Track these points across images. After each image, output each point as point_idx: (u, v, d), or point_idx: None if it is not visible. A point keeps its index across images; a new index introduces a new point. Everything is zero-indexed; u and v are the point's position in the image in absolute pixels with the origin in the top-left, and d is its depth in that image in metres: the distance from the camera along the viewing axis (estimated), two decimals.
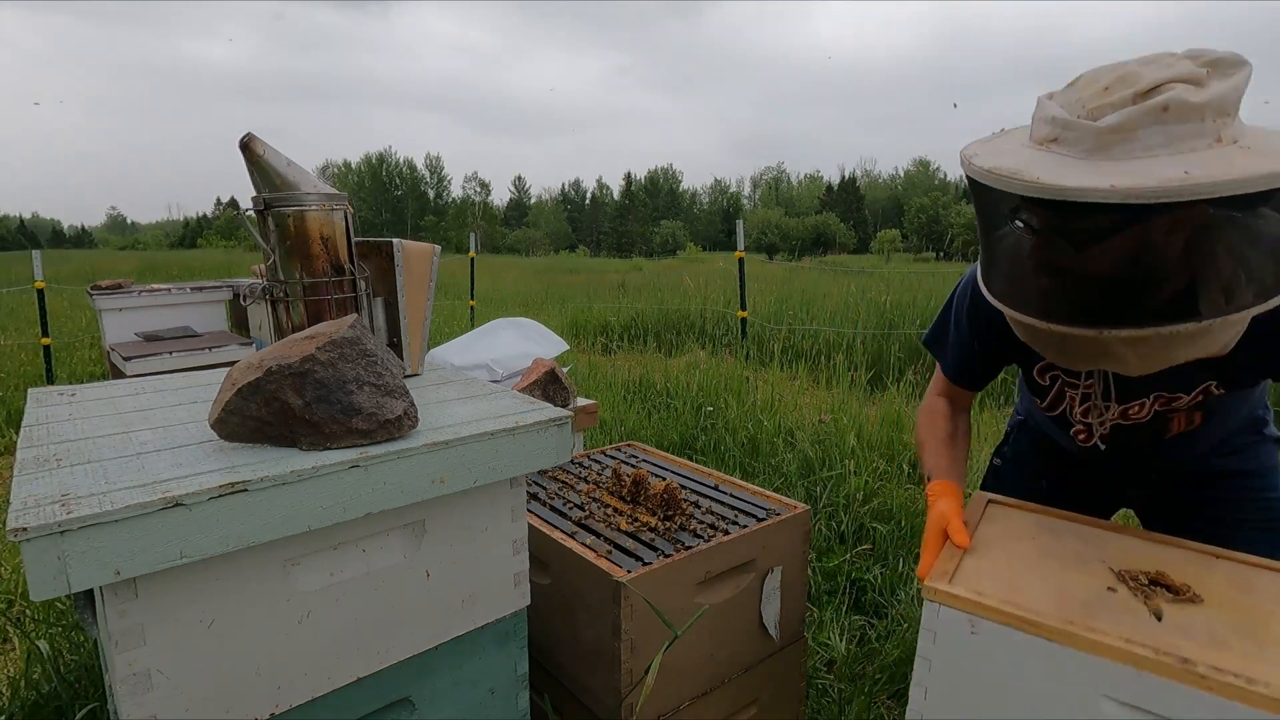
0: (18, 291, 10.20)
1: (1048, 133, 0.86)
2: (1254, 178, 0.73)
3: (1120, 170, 0.77)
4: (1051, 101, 0.88)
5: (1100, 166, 0.79)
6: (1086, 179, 0.77)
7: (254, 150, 1.17)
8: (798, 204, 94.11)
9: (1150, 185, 0.74)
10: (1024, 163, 0.84)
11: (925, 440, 1.33)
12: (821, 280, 10.45)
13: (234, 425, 0.91)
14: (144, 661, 0.79)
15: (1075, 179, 0.78)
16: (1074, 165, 0.81)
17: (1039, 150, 0.86)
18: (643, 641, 1.26)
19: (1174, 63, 0.83)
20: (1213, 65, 0.83)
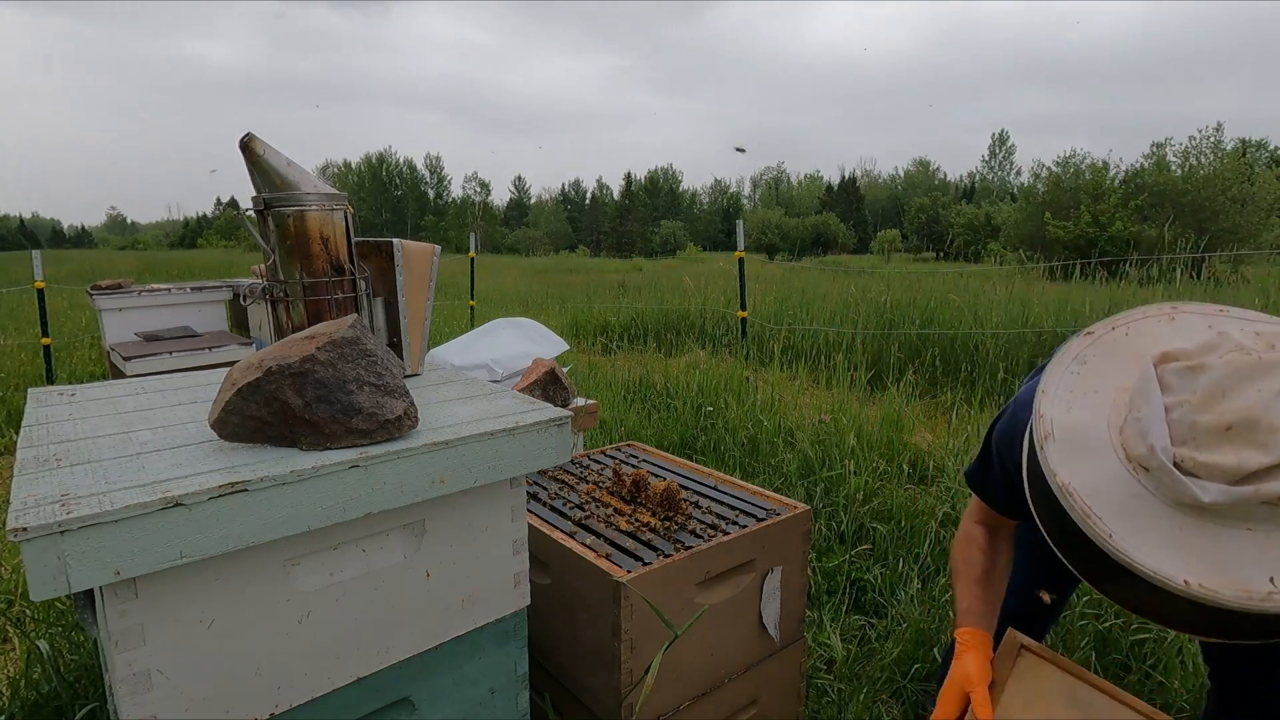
0: (18, 291, 10.21)
1: (1143, 458, 0.73)
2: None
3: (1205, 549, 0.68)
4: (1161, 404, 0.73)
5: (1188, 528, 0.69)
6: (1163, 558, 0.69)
7: (254, 150, 1.17)
8: (798, 204, 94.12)
9: (1224, 597, 0.66)
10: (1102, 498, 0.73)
11: (959, 574, 1.23)
12: (821, 280, 10.45)
13: (234, 425, 0.91)
14: (144, 661, 0.79)
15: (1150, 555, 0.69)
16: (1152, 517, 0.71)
17: (1125, 470, 0.74)
18: (643, 641, 1.26)
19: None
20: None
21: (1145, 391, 0.75)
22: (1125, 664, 1.96)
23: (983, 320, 5.89)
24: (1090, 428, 0.79)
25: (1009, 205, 34.66)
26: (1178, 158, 21.39)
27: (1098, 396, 0.81)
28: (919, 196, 75.66)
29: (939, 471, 3.23)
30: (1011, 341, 5.27)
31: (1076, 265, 8.44)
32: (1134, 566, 0.70)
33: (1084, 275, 8.33)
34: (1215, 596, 0.66)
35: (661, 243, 74.13)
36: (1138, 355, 0.82)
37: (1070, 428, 0.79)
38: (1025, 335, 5.25)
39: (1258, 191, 18.78)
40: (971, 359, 5.29)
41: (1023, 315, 5.90)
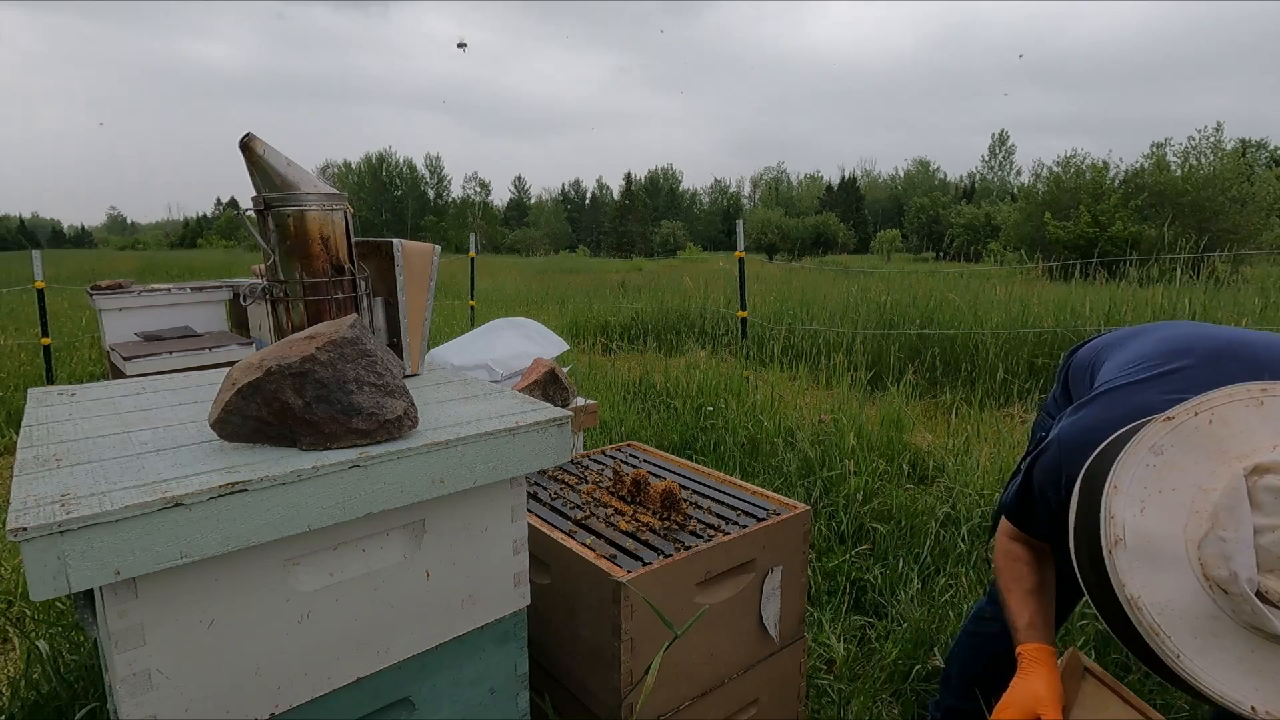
0: (18, 291, 10.21)
1: (1223, 578, 0.71)
2: None
3: (1274, 673, 0.68)
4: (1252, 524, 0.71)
5: (1255, 651, 0.69)
6: (1230, 681, 0.68)
7: (254, 150, 1.17)
8: (798, 204, 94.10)
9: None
10: (1172, 615, 0.72)
11: (1012, 590, 1.21)
12: (821, 280, 10.45)
13: (234, 425, 0.91)
14: (144, 661, 0.79)
15: (1218, 677, 0.69)
16: (1224, 637, 0.70)
17: (1201, 588, 0.72)
18: (643, 641, 1.26)
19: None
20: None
21: (1234, 511, 0.71)
22: (1125, 664, 1.96)
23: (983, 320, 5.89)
24: (1165, 537, 0.75)
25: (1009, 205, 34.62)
26: (1178, 158, 21.39)
27: (1176, 497, 0.77)
28: (919, 196, 75.64)
29: (939, 471, 3.23)
30: (1011, 341, 5.27)
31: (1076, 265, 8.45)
32: (1201, 689, 0.69)
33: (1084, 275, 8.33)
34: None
35: (661, 243, 74.12)
36: (1222, 451, 0.77)
37: (1143, 534, 0.75)
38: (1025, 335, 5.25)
39: (1258, 191, 18.77)
40: (971, 359, 5.29)
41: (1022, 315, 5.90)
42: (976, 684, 1.56)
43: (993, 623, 1.53)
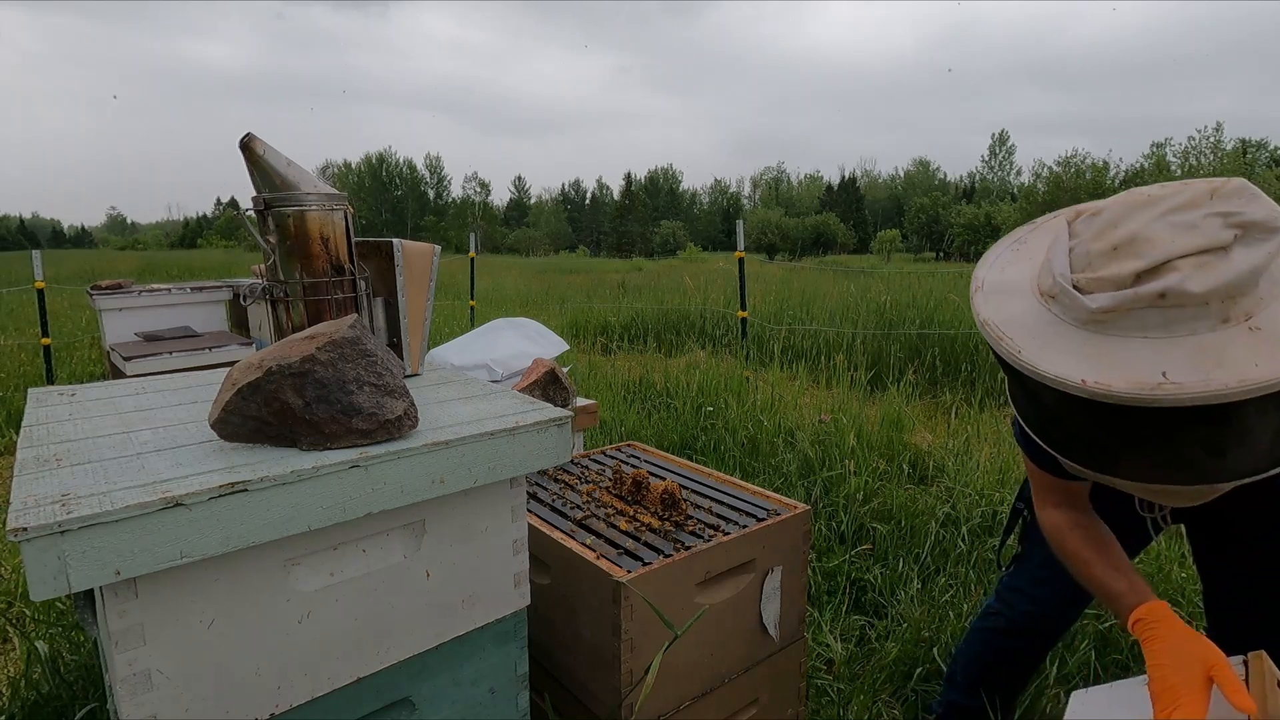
0: (18, 291, 10.21)
1: (1050, 287, 0.82)
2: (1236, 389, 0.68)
3: (1103, 354, 0.75)
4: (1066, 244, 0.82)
5: (1089, 341, 0.77)
6: (1064, 365, 0.76)
7: (254, 150, 1.17)
8: (798, 204, 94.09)
9: (1119, 390, 0.71)
10: (1015, 325, 0.82)
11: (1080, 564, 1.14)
12: (821, 280, 10.45)
13: (234, 425, 0.91)
14: (144, 661, 0.79)
15: (1052, 362, 0.76)
16: (1061, 335, 0.79)
17: (1038, 301, 0.83)
18: (643, 641, 1.26)
19: (1200, 223, 0.75)
20: (1243, 229, 0.74)
21: (1057, 240, 0.84)
22: (1125, 664, 1.96)
23: None
24: (1015, 279, 0.88)
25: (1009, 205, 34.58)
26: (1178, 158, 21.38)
27: (1030, 261, 0.89)
28: (919, 196, 75.64)
29: (939, 471, 3.23)
30: None
31: None
32: (1038, 374, 0.77)
33: None
34: (1109, 389, 0.72)
35: (661, 243, 74.12)
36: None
37: (998, 282, 0.89)
38: None
39: None
40: (972, 359, 5.29)
41: None
42: (980, 680, 1.56)
43: (997, 618, 1.53)
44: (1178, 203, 0.77)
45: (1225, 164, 19.46)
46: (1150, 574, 2.28)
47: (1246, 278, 0.72)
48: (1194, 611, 2.07)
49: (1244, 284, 0.72)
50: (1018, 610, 1.49)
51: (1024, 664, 1.55)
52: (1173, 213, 0.76)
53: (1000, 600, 1.54)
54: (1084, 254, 0.81)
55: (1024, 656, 1.53)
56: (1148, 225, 0.76)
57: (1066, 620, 1.50)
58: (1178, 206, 0.77)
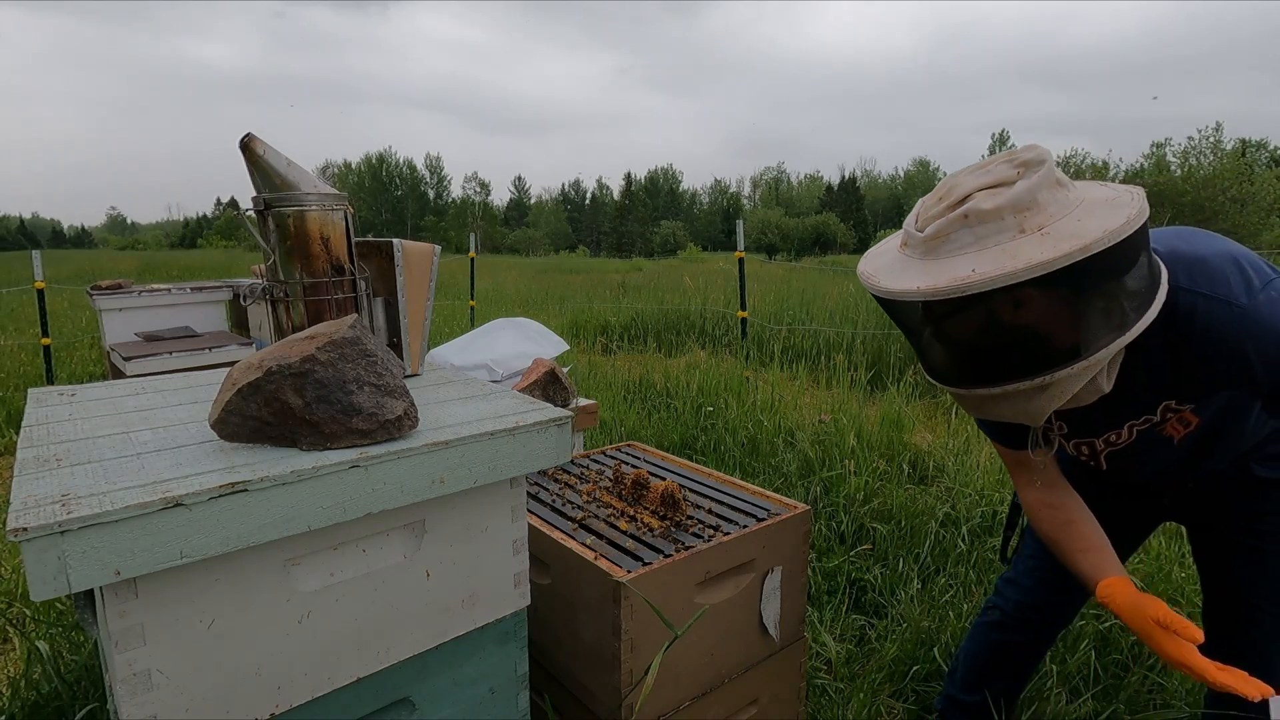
0: (18, 291, 10.21)
1: (903, 238, 1.03)
2: (1023, 269, 0.86)
3: (933, 270, 0.94)
4: (917, 213, 1.03)
5: (925, 266, 0.96)
6: (906, 281, 0.95)
7: (254, 150, 1.17)
8: (798, 204, 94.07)
9: (940, 285, 0.91)
10: (877, 266, 1.03)
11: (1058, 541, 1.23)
12: (821, 280, 10.45)
13: (234, 425, 0.91)
14: (144, 661, 0.79)
15: (897, 281, 0.96)
16: (908, 267, 0.98)
17: (898, 252, 1.03)
18: (643, 641, 1.26)
19: (993, 169, 0.96)
20: (1024, 165, 0.95)
21: (912, 211, 1.04)
22: (1125, 664, 1.97)
23: None
24: (885, 249, 1.08)
25: None
26: (1177, 158, 21.40)
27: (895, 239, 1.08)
28: (919, 196, 75.48)
29: (939, 471, 3.24)
30: None
31: None
32: (888, 291, 0.96)
33: None
34: (934, 287, 0.91)
35: (661, 243, 74.07)
36: None
37: (875, 252, 1.10)
38: None
39: (1258, 191, 18.78)
40: None
41: None
42: (980, 676, 1.57)
43: (994, 612, 1.55)
44: (983, 163, 1.00)
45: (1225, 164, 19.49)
46: (1150, 574, 2.28)
47: (1025, 195, 0.91)
48: (1194, 611, 2.07)
49: (1024, 200, 0.91)
50: (1011, 602, 1.51)
51: (1022, 658, 1.55)
52: (977, 168, 0.99)
53: (997, 594, 1.56)
54: (923, 210, 1.01)
55: (1021, 650, 1.54)
56: (959, 178, 0.99)
57: (1062, 612, 1.50)
58: (982, 164, 1.00)
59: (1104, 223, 0.89)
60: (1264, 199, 18.50)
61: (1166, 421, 1.16)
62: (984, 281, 0.88)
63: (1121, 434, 1.20)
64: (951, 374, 1.07)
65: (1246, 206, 18.34)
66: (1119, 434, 1.20)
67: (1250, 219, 18.12)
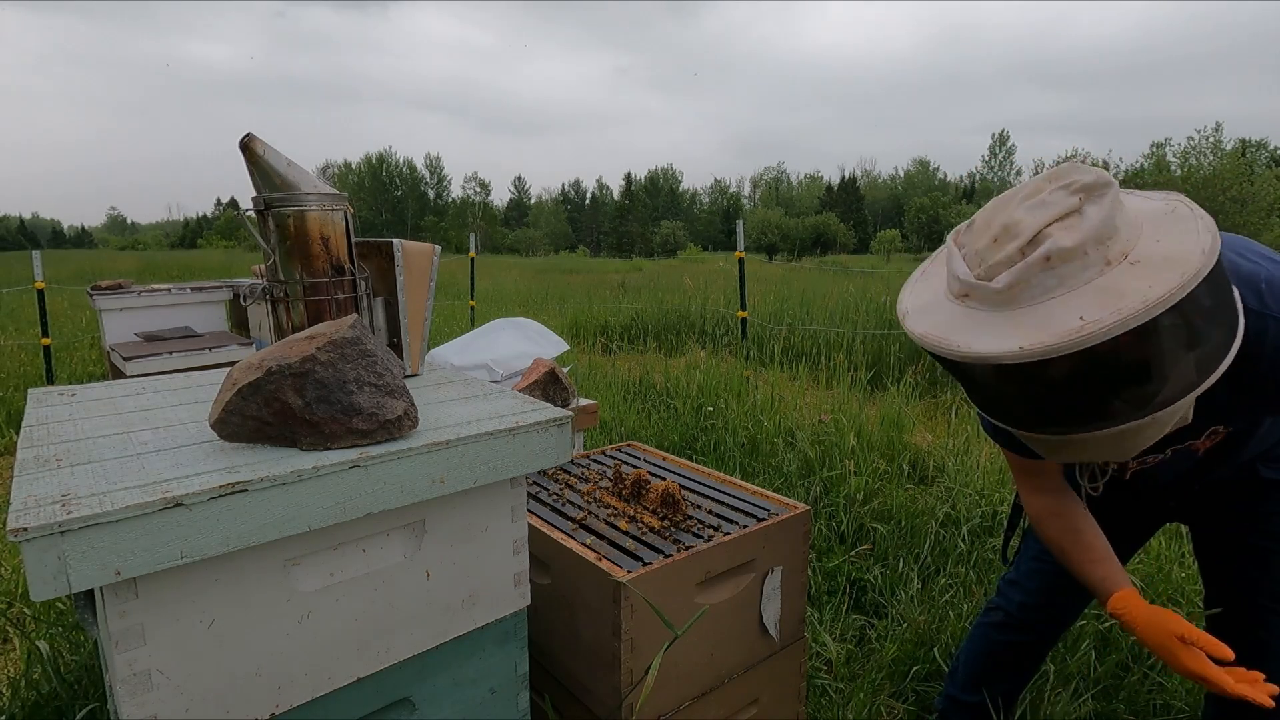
0: (18, 291, 10.21)
1: (960, 289, 0.94)
2: (1142, 309, 0.80)
3: (1025, 323, 0.85)
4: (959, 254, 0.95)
5: (1010, 318, 0.87)
6: (998, 342, 0.86)
7: (254, 150, 1.17)
8: (798, 204, 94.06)
9: (1050, 343, 0.82)
10: (946, 326, 0.93)
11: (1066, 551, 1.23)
12: (821, 280, 10.46)
13: (234, 425, 0.91)
14: (144, 661, 0.79)
15: (988, 344, 0.86)
16: (986, 322, 0.89)
17: (957, 305, 0.94)
18: (643, 641, 1.26)
19: (1049, 198, 0.88)
20: (1085, 191, 0.87)
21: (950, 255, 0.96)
22: (1125, 664, 1.96)
23: None
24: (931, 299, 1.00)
25: None
26: (1177, 158, 21.40)
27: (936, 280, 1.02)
28: (919, 196, 75.55)
29: (939, 471, 3.24)
30: None
31: None
32: (983, 358, 0.86)
33: None
34: (1043, 345, 0.82)
35: (661, 243, 74.05)
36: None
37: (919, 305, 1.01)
38: None
39: (1258, 191, 18.78)
40: None
41: None
42: (981, 677, 1.57)
43: (996, 613, 1.55)
44: (1026, 192, 0.91)
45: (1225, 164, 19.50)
46: (1150, 574, 2.28)
47: (1104, 224, 0.85)
48: (1194, 612, 2.07)
49: (1105, 230, 0.85)
50: (1014, 603, 1.51)
51: (1023, 659, 1.55)
52: (1026, 199, 0.90)
53: (1000, 595, 1.56)
54: (974, 254, 0.92)
55: (1023, 651, 1.54)
56: (1012, 214, 0.89)
57: (1064, 614, 1.50)
58: (1027, 194, 0.90)
59: (1187, 242, 0.84)
60: (1264, 199, 18.50)
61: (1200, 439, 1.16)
62: (1106, 330, 0.79)
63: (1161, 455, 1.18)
64: (1044, 420, 0.97)
65: (1246, 206, 18.35)
66: (1158, 456, 1.18)
67: (1250, 219, 18.12)
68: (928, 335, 0.94)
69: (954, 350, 0.89)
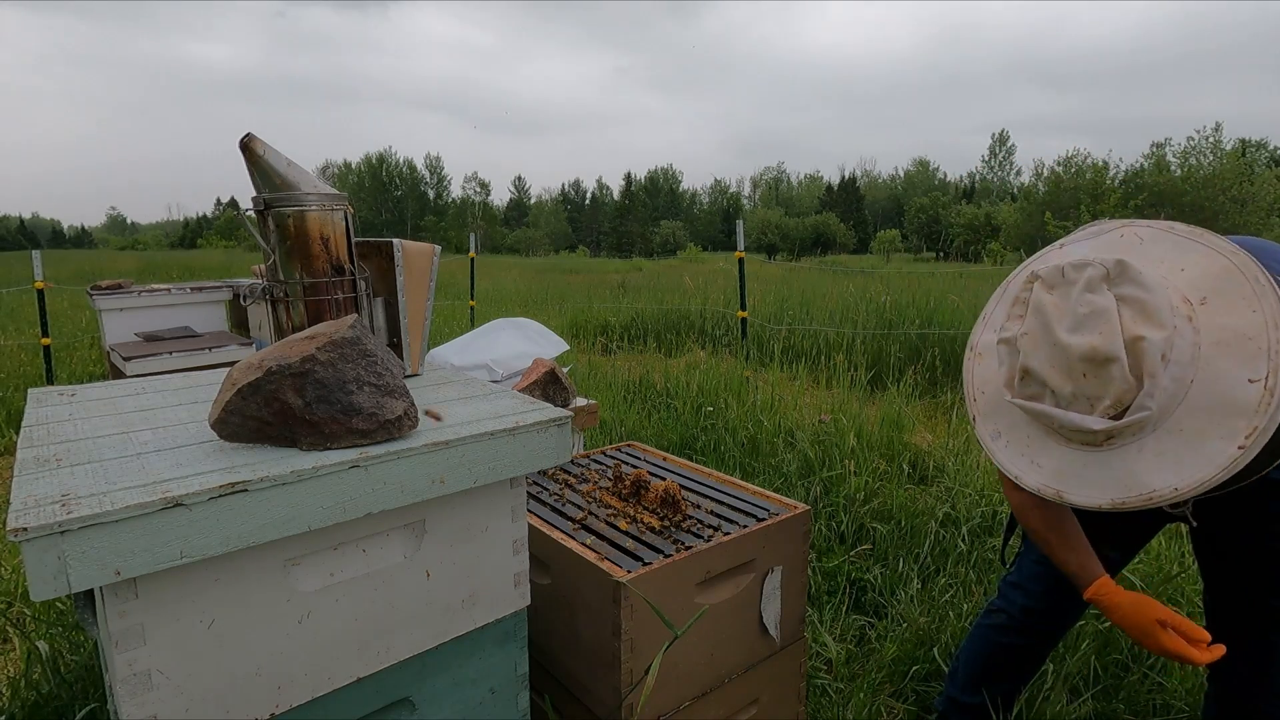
0: (18, 291, 10.20)
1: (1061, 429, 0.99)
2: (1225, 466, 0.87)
3: (1117, 472, 0.94)
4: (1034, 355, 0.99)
5: (1100, 463, 0.96)
6: (1098, 493, 0.95)
7: (254, 150, 1.17)
8: (798, 204, 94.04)
9: (1140, 495, 0.92)
10: (1052, 475, 1.01)
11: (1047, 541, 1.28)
12: (821, 280, 10.45)
13: (234, 425, 0.91)
14: (144, 661, 0.79)
15: (1091, 494, 0.96)
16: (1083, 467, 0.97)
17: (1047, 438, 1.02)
18: (643, 641, 1.26)
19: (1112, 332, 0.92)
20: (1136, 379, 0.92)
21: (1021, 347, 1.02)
22: (1125, 664, 1.96)
23: None
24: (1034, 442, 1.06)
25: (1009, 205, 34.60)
26: (1177, 158, 21.40)
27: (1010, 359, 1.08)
28: (919, 196, 75.52)
29: (939, 471, 3.24)
30: None
31: None
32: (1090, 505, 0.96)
33: None
34: (1131, 498, 0.92)
35: (661, 243, 74.04)
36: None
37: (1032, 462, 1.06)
38: None
39: (1258, 191, 18.78)
40: None
41: None
42: (982, 678, 1.56)
43: (999, 615, 1.54)
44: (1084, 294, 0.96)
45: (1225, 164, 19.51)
46: (1150, 574, 2.28)
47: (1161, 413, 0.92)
48: (1194, 610, 2.07)
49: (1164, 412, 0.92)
50: (1017, 606, 1.50)
51: (1025, 661, 1.55)
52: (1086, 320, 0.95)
53: (1002, 597, 1.55)
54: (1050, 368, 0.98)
55: (1025, 654, 1.54)
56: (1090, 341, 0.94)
57: (1066, 616, 1.50)
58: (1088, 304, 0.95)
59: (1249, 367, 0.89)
60: (1264, 199, 18.50)
61: None
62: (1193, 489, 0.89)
63: None
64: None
65: (1246, 206, 18.34)
66: None
67: (1250, 219, 18.12)
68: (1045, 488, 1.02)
69: (1060, 497, 1.01)
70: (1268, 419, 0.86)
